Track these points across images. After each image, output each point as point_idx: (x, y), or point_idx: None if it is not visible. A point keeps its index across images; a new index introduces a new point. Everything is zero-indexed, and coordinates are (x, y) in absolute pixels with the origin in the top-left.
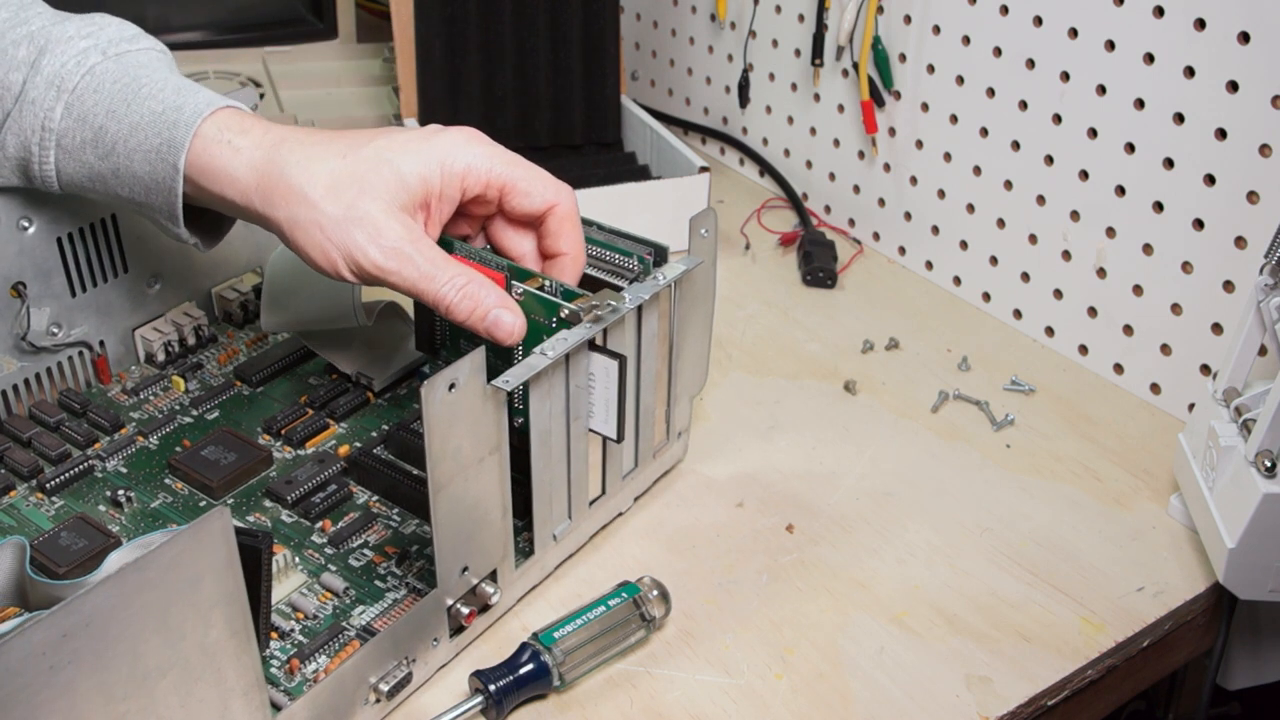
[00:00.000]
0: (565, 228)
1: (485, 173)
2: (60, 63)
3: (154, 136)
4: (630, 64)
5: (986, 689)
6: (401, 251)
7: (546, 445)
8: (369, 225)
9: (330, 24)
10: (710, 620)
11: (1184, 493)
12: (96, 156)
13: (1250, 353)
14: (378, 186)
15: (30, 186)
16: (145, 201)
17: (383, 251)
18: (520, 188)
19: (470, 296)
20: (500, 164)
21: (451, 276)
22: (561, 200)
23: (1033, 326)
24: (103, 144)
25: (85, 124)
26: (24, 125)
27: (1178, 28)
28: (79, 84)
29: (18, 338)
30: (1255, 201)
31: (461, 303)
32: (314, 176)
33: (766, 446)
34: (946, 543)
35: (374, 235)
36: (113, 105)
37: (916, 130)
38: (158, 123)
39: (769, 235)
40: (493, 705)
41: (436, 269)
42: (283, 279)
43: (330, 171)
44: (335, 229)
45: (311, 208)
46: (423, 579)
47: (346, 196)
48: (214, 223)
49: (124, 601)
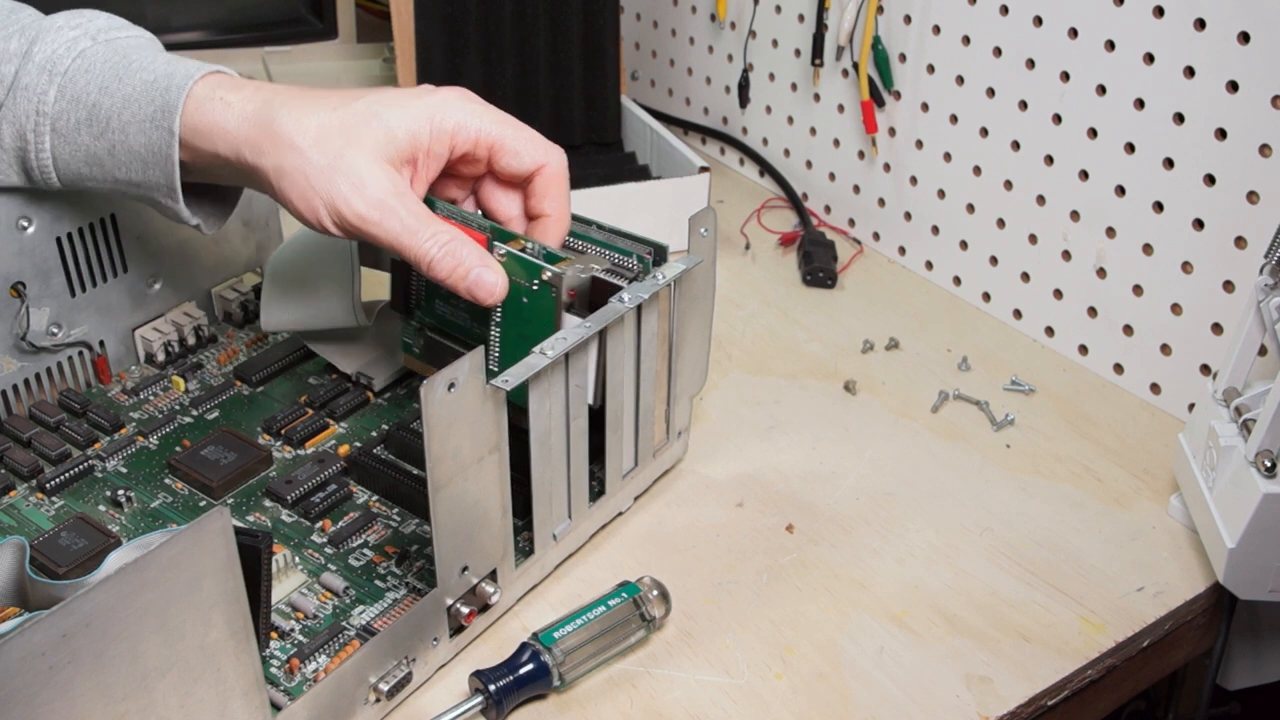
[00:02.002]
0: (551, 189)
1: (475, 130)
2: (51, 49)
3: (148, 105)
4: (630, 64)
5: (986, 689)
6: (385, 204)
7: (546, 445)
8: (354, 175)
9: (330, 24)
10: (710, 620)
11: (1184, 493)
12: (91, 136)
13: (1250, 353)
14: (366, 139)
15: (30, 184)
16: (143, 180)
17: (366, 202)
18: (509, 146)
19: (453, 254)
20: (490, 122)
21: (435, 233)
22: (550, 161)
23: (1033, 326)
24: (97, 121)
25: (79, 104)
26: (18, 113)
27: (1178, 28)
28: (70, 67)
29: (18, 338)
30: (1255, 201)
31: (444, 259)
32: (303, 127)
33: (766, 446)
34: (946, 543)
35: (358, 186)
36: (105, 82)
37: (916, 130)
38: (150, 91)
39: (769, 235)
40: (493, 705)
41: (420, 224)
42: (283, 278)
43: (320, 123)
44: (320, 177)
45: (299, 155)
46: (423, 579)
47: (334, 146)
48: (216, 201)
49: (124, 601)
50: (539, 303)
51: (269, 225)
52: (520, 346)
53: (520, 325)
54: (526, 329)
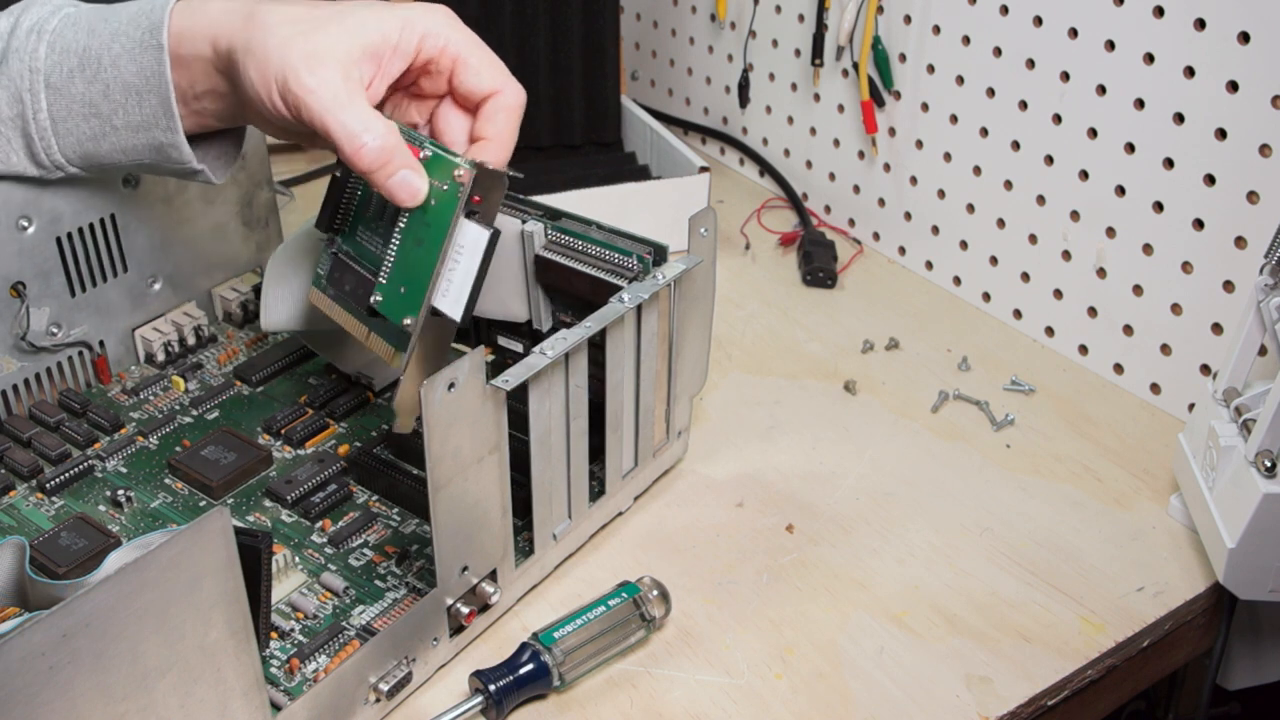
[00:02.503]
0: (499, 115)
1: (444, 39)
2: (37, 16)
3: (135, 30)
4: (630, 64)
5: (986, 689)
6: (331, 80)
7: (546, 445)
8: (311, 53)
9: None
10: (710, 620)
11: (1184, 493)
12: (85, 81)
13: (1250, 353)
14: (333, 26)
15: (35, 164)
16: (141, 118)
17: (314, 77)
18: (472, 64)
19: (386, 150)
20: (460, 37)
21: (372, 123)
22: (507, 91)
23: (1033, 326)
24: (89, 65)
25: (69, 53)
26: (12, 75)
27: (1178, 28)
28: (57, 25)
29: (18, 338)
30: (1255, 201)
31: (374, 150)
32: (279, 11)
33: (766, 446)
34: (946, 543)
35: (311, 61)
36: (92, 26)
37: (916, 130)
38: (136, 18)
39: (769, 235)
40: (493, 705)
41: (360, 110)
42: (283, 278)
43: (295, 12)
44: (279, 50)
45: (266, 32)
46: (423, 579)
47: (302, 27)
48: (220, 144)
49: (124, 601)
50: (443, 205)
51: (269, 225)
52: (414, 254)
53: (420, 229)
54: (425, 233)
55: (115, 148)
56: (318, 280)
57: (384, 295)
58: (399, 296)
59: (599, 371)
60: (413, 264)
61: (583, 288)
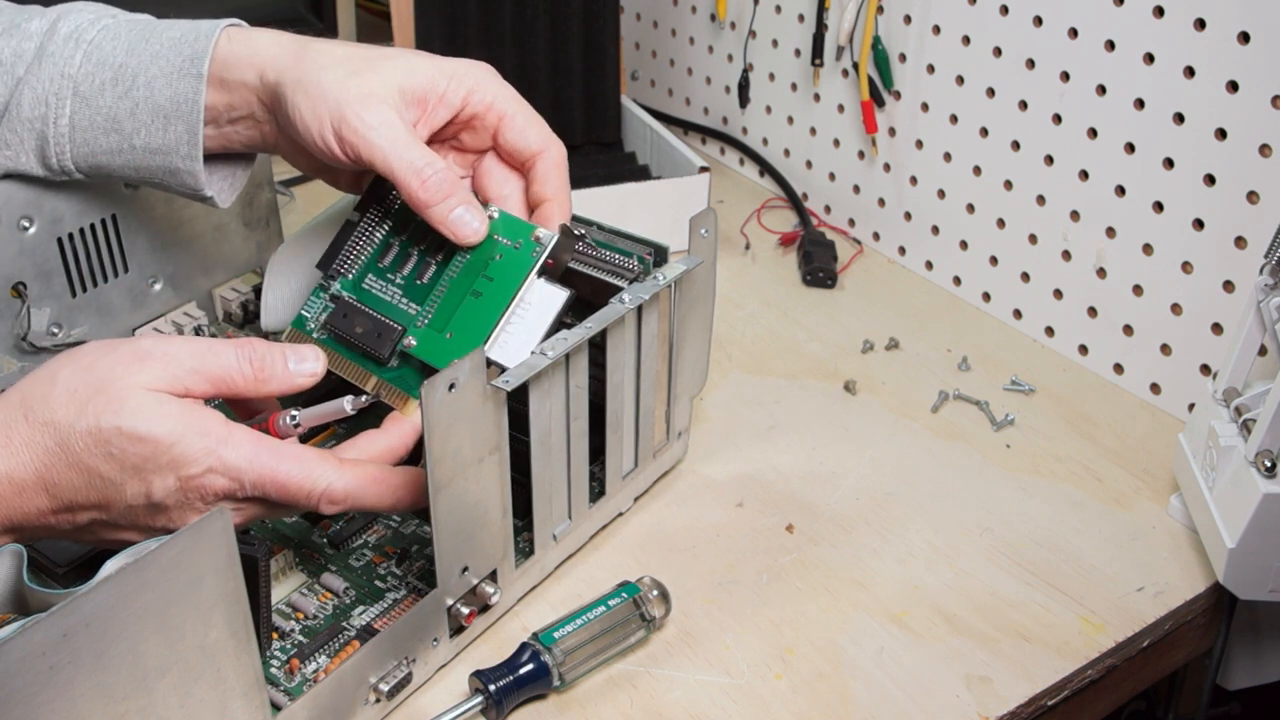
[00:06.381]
0: (553, 175)
1: (490, 96)
2: (76, 22)
3: (176, 57)
4: (630, 64)
5: (986, 689)
6: (389, 119)
7: (546, 445)
8: (368, 93)
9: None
10: (710, 620)
11: (1184, 493)
12: (116, 95)
13: (1250, 353)
14: (386, 68)
15: (43, 165)
16: (163, 142)
17: (373, 114)
18: (518, 122)
19: (444, 183)
20: (506, 94)
21: (431, 159)
22: (552, 149)
23: (1033, 326)
24: (123, 80)
25: (105, 65)
26: (42, 78)
27: (1178, 28)
28: (97, 36)
29: (18, 338)
30: (1255, 201)
31: (435, 186)
32: (332, 50)
33: (766, 446)
34: (946, 543)
35: (369, 100)
36: (132, 44)
37: (916, 130)
38: (179, 44)
39: (769, 235)
40: (493, 705)
41: (419, 147)
42: (283, 279)
43: (346, 52)
44: (334, 89)
45: (319, 70)
46: (423, 579)
47: (354, 66)
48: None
49: (124, 602)
50: (513, 261)
51: (269, 225)
52: (470, 304)
53: (479, 282)
54: (486, 286)
55: (129, 164)
56: (300, 322)
57: (420, 340)
58: (443, 343)
59: (599, 372)
60: (468, 314)
61: (583, 288)
